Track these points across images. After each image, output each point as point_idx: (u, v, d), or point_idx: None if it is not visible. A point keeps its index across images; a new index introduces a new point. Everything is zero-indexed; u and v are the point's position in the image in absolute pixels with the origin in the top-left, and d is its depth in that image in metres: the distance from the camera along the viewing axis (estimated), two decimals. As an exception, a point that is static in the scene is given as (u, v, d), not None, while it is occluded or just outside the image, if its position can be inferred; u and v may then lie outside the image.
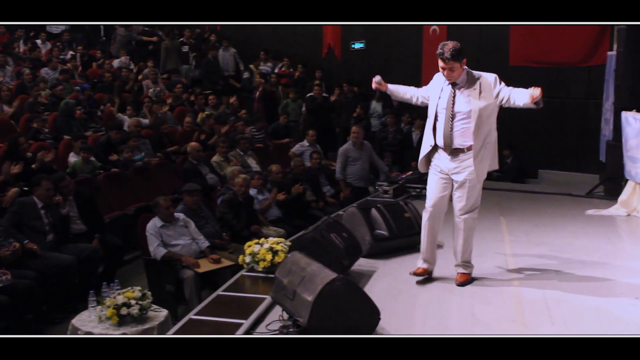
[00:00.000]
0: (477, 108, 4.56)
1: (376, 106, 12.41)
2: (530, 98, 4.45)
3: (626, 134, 7.79)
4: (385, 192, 7.91)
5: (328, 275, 3.75)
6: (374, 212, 5.82)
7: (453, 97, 4.64)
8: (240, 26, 13.74)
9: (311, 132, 9.95)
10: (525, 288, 4.78)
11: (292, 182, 8.05)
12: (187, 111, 10.91)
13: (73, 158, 7.89)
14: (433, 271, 4.98)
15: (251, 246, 5.20)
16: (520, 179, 10.99)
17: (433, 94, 4.79)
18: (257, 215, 7.35)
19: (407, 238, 5.69)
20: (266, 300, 4.39)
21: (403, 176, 8.68)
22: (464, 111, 4.60)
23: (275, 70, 14.08)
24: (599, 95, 10.12)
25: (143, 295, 4.47)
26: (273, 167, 8.29)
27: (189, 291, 5.76)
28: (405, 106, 11.00)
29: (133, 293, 4.43)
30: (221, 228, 6.73)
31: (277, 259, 4.93)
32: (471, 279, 4.89)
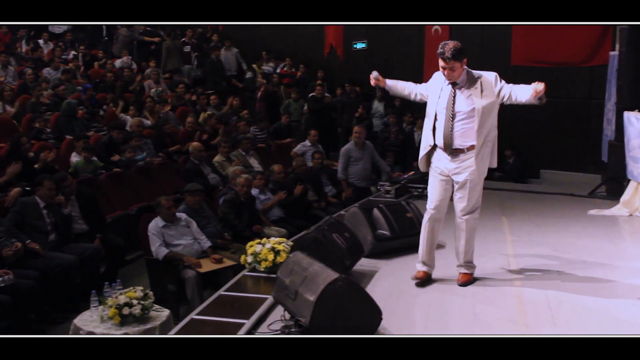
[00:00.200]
0: (480, 106, 4.54)
1: (378, 106, 12.42)
2: (534, 93, 4.42)
3: (628, 134, 7.78)
4: (387, 192, 7.92)
5: (330, 275, 3.75)
6: (376, 212, 5.82)
7: (453, 97, 4.62)
8: (242, 26, 13.72)
9: (313, 132, 9.95)
10: (527, 288, 4.77)
11: (294, 182, 8.04)
12: (189, 111, 10.91)
13: (75, 158, 7.88)
14: (432, 274, 4.95)
15: (253, 246, 5.21)
16: (522, 179, 10.98)
17: (432, 93, 4.76)
18: (259, 215, 7.34)
19: (409, 238, 5.67)
20: (268, 300, 4.40)
21: (405, 176, 8.67)
22: (465, 111, 4.58)
23: (277, 70, 14.08)
24: (601, 95, 10.11)
25: (145, 295, 4.47)
26: (275, 167, 8.28)
27: (191, 291, 5.76)
28: (407, 106, 11.02)
29: (135, 293, 4.43)
30: (223, 228, 6.73)
31: (279, 259, 4.94)
32: (473, 279, 4.88)
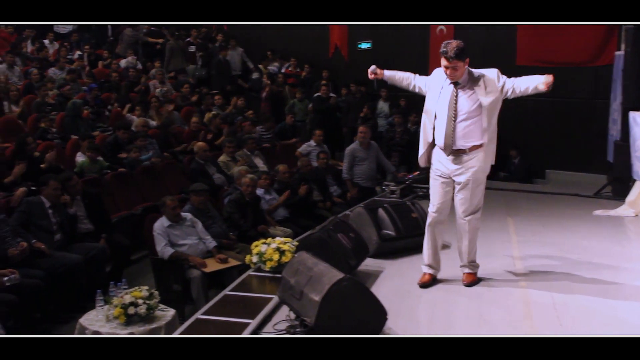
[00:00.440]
0: (487, 103, 4.51)
1: (383, 106, 12.41)
2: (544, 87, 4.42)
3: (634, 134, 7.76)
4: (392, 192, 7.90)
5: (335, 275, 3.75)
6: (381, 212, 5.82)
7: (455, 97, 4.57)
8: (246, 26, 13.72)
9: (318, 132, 9.93)
10: (532, 289, 4.76)
11: (299, 182, 8.04)
12: (194, 111, 10.93)
13: (80, 158, 7.91)
14: (437, 276, 4.95)
15: (258, 246, 5.21)
16: (527, 179, 10.97)
17: (432, 90, 4.70)
18: (264, 215, 7.34)
19: (414, 238, 5.65)
20: (273, 300, 4.40)
21: (410, 176, 8.66)
22: (467, 111, 4.54)
23: (282, 70, 14.08)
24: (607, 95, 10.07)
25: (150, 294, 4.49)
26: (280, 167, 8.28)
27: (196, 291, 5.77)
28: (412, 106, 11.02)
29: (140, 292, 4.44)
30: (228, 228, 6.74)
31: (284, 259, 4.95)
32: (478, 279, 4.88)
